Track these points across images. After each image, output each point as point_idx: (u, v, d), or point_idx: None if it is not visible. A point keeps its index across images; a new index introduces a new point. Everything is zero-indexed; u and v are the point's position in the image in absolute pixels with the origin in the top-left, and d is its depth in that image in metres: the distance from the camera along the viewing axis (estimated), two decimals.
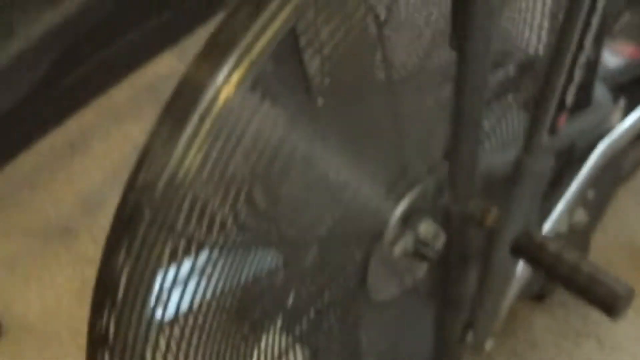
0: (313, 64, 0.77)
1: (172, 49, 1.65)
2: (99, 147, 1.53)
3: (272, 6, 0.71)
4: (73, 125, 1.54)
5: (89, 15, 1.22)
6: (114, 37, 1.54)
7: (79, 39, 1.25)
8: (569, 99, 0.81)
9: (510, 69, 0.99)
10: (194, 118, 0.69)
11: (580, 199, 1.10)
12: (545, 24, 0.99)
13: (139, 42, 1.58)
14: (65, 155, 1.51)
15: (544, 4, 0.97)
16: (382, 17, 0.76)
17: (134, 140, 1.53)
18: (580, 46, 0.78)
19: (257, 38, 0.70)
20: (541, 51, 1.01)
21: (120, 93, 1.59)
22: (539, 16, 0.97)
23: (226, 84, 0.69)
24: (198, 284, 0.74)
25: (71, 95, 1.53)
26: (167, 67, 1.63)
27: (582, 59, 0.79)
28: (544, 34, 0.99)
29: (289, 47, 0.75)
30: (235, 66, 0.69)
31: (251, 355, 0.84)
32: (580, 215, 1.15)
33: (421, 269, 0.98)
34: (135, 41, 1.57)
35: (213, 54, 0.72)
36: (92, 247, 1.41)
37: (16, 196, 1.47)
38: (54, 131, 1.53)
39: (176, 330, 0.74)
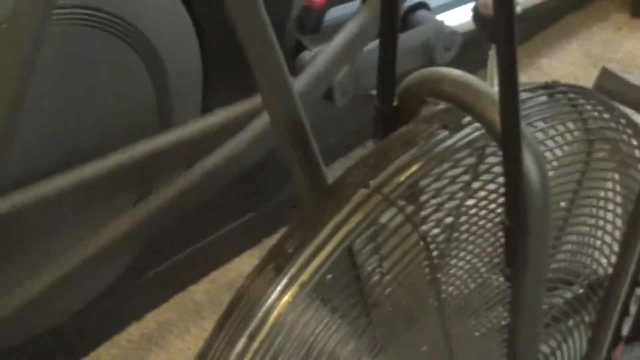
0: (369, 280, 0.79)
1: (254, 247, 1.69)
2: (176, 343, 1.55)
3: (328, 228, 0.74)
4: (152, 320, 1.57)
5: (173, 213, 1.27)
6: (197, 235, 1.60)
7: (162, 236, 1.30)
8: (625, 330, 0.81)
9: (575, 291, 0.99)
10: (244, 336, 0.71)
11: None
12: (615, 247, 0.99)
13: (222, 241, 1.63)
14: (142, 349, 1.54)
15: (613, 225, 0.98)
16: (436, 244, 0.78)
17: None
18: (635, 282, 0.78)
19: (311, 258, 0.73)
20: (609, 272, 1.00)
21: (201, 289, 1.63)
22: (608, 238, 0.97)
23: (276, 305, 0.71)
24: None
25: (152, 290, 1.57)
26: (249, 265, 1.67)
27: (639, 293, 0.79)
28: (613, 256, 0.99)
29: (346, 263, 0.77)
30: (287, 286, 0.72)
31: None
32: None
33: None
34: (218, 240, 1.62)
35: (267, 271, 0.75)
36: None
37: None
38: (133, 324, 1.56)
39: None
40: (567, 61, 2.21)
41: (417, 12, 1.64)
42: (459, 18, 1.78)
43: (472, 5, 1.82)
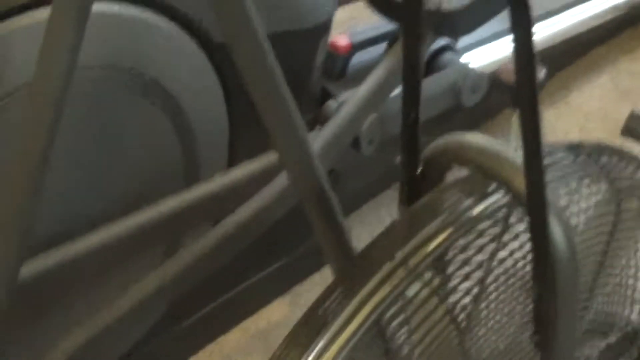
0: (400, 353, 0.78)
1: (284, 295, 1.69)
2: None
3: (354, 303, 0.73)
4: None
5: (202, 271, 1.27)
6: (228, 285, 1.59)
7: (193, 288, 1.30)
8: None
9: (610, 341, 0.98)
10: None
11: None
12: None
13: (252, 290, 1.63)
14: None
15: None
16: (464, 314, 0.77)
17: None
18: None
19: (337, 335, 0.72)
20: None
21: (232, 339, 1.62)
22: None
23: None
24: None
25: (183, 342, 1.57)
26: (279, 313, 1.66)
27: None
28: None
29: (374, 336, 0.77)
30: None
31: None
32: None
33: None
34: (248, 288, 1.62)
35: (295, 344, 0.74)
36: None
37: None
38: None
39: None
40: (595, 95, 2.19)
41: (442, 55, 1.63)
42: (485, 58, 1.77)
43: (497, 43, 1.83)
